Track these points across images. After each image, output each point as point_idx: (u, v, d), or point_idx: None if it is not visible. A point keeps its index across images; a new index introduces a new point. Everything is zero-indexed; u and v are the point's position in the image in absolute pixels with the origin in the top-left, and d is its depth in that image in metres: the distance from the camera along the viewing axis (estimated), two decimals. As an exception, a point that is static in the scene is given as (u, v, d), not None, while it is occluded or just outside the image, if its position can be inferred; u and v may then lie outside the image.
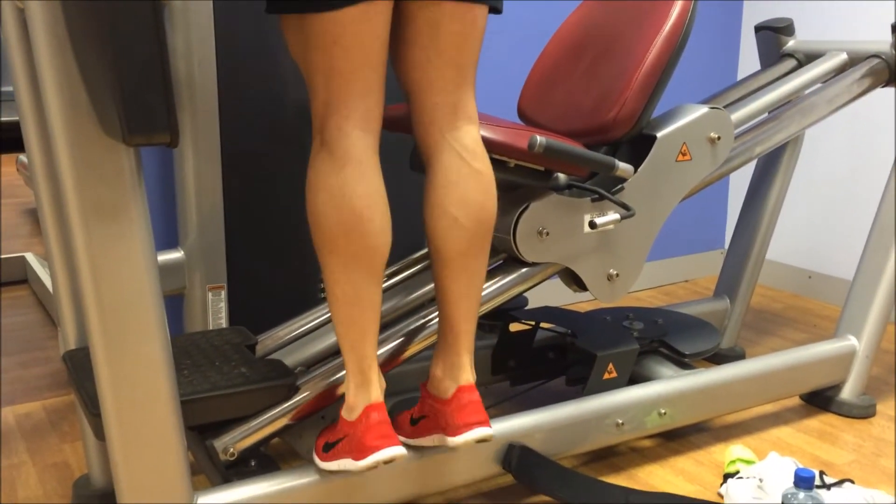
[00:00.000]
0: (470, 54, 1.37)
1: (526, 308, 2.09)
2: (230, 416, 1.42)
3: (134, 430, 1.23)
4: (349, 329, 1.34)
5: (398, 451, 1.32)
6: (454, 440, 1.39)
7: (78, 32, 1.08)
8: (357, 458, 1.32)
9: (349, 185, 1.29)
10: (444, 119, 1.38)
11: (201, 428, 1.45)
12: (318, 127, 1.33)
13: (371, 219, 1.29)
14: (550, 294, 2.69)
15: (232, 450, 1.42)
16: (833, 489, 1.52)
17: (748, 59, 3.00)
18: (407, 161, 2.04)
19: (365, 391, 1.35)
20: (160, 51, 1.03)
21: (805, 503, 1.36)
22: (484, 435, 1.39)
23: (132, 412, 1.23)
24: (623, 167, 1.61)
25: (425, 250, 1.82)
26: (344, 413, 1.38)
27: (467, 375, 1.42)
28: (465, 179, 1.37)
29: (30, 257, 3.03)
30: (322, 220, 1.30)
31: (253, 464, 1.45)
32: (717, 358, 2.29)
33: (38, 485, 1.69)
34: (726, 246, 3.16)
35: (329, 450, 1.40)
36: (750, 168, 2.90)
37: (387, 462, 1.31)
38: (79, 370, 1.43)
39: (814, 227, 2.86)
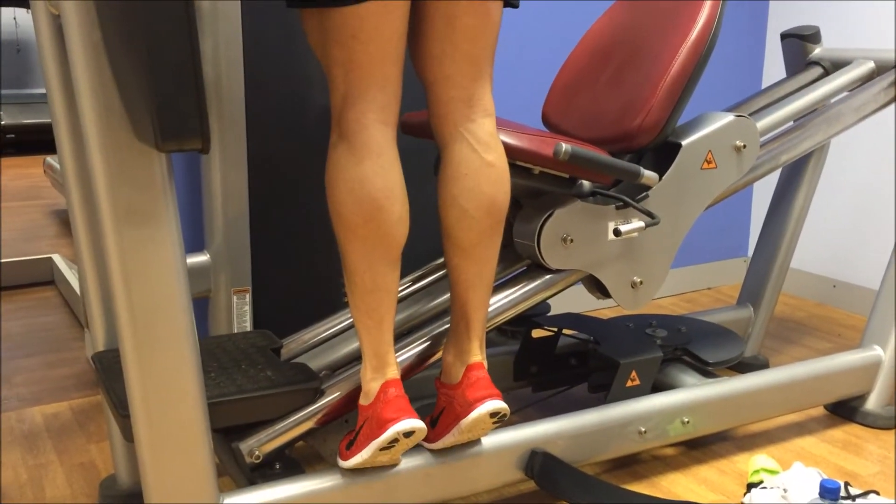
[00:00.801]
0: (485, 48, 1.39)
1: (548, 314, 2.09)
2: (256, 419, 1.44)
3: (162, 432, 1.25)
4: (368, 316, 1.37)
5: (416, 423, 1.34)
6: (467, 419, 1.40)
7: (113, 38, 1.10)
8: (377, 436, 1.34)
9: (368, 178, 1.31)
10: (460, 112, 1.40)
11: (227, 430, 1.47)
12: (337, 119, 1.35)
13: (391, 209, 1.32)
14: (572, 300, 2.69)
15: (257, 452, 1.44)
16: (858, 500, 1.51)
17: (773, 66, 2.99)
18: (429, 166, 2.05)
19: (381, 372, 1.38)
20: (193, 57, 1.05)
21: (830, 514, 1.36)
22: (496, 408, 1.40)
23: (161, 414, 1.24)
24: (648, 175, 1.61)
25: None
26: (361, 400, 1.40)
27: (476, 356, 1.45)
28: (475, 171, 1.39)
29: (57, 259, 3.07)
30: (342, 210, 1.33)
31: (278, 466, 1.46)
32: (741, 367, 2.28)
33: (66, 484, 1.71)
34: (749, 254, 3.14)
35: (351, 446, 1.41)
36: (774, 176, 2.88)
37: (406, 434, 1.33)
38: (108, 372, 1.45)
39: (838, 235, 2.84)
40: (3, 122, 5.69)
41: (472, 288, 1.44)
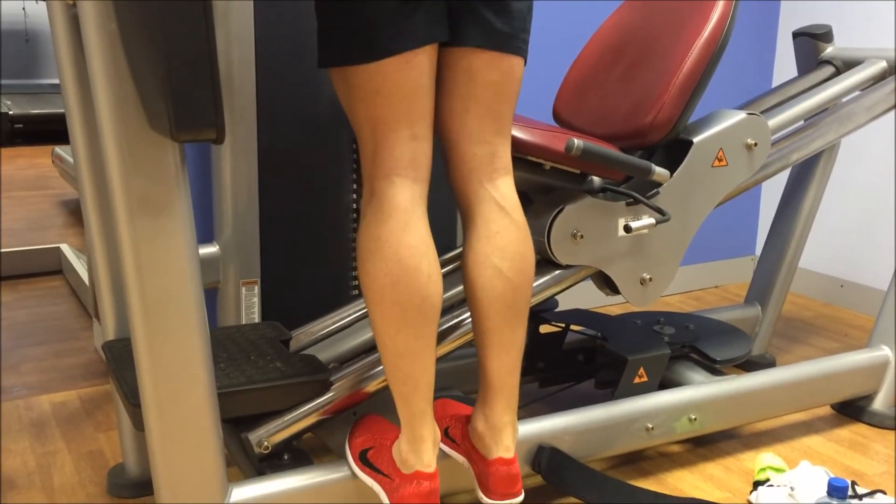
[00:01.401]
0: (507, 104, 1.37)
1: (556, 310, 2.09)
2: (265, 410, 1.44)
3: (173, 421, 1.26)
4: (400, 382, 1.32)
5: None
6: (485, 499, 1.40)
7: (129, 28, 1.10)
8: None
9: (395, 236, 1.28)
10: (483, 169, 1.38)
11: (236, 421, 1.47)
12: (367, 178, 1.33)
13: (418, 268, 1.28)
14: (579, 296, 2.69)
15: (266, 443, 1.44)
16: (865, 499, 1.51)
17: (783, 65, 2.98)
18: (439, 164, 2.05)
19: (416, 451, 1.34)
20: (209, 47, 1.05)
21: (838, 513, 1.36)
22: (515, 503, 1.40)
23: (172, 403, 1.25)
24: (659, 172, 1.61)
25: (456, 251, 1.83)
26: (395, 457, 1.36)
27: (507, 443, 1.40)
28: (506, 230, 1.37)
29: (65, 248, 3.07)
30: (370, 270, 1.29)
31: (286, 457, 1.47)
32: (747, 365, 2.28)
33: (74, 472, 1.72)
34: (757, 252, 3.14)
35: (367, 464, 1.41)
36: (783, 175, 2.88)
37: None
38: (118, 361, 1.45)
39: (846, 234, 2.84)
40: (11, 112, 5.70)
41: (505, 352, 1.39)
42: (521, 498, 1.41)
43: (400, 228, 1.28)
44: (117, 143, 1.16)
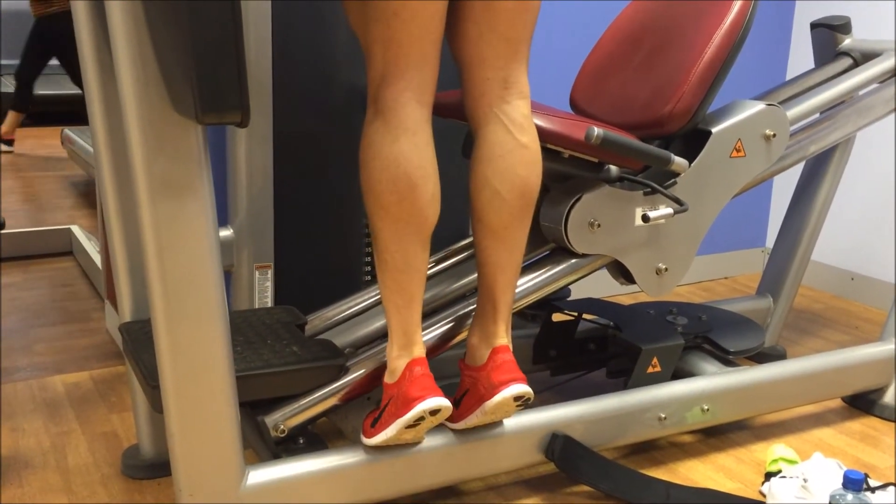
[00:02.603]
0: (523, 29, 1.38)
1: (569, 299, 2.09)
2: (281, 394, 1.45)
3: (191, 403, 1.26)
4: (397, 294, 1.37)
5: (443, 401, 1.35)
6: (491, 401, 1.41)
7: (153, 10, 1.10)
8: (402, 414, 1.35)
9: (404, 155, 1.32)
10: (494, 93, 1.40)
11: (252, 404, 1.48)
12: (374, 96, 1.35)
13: (424, 188, 1.33)
14: (589, 286, 2.69)
15: (282, 427, 1.45)
16: (878, 492, 1.51)
17: (798, 57, 2.96)
18: (456, 147, 2.04)
19: (407, 350, 1.38)
20: (235, 30, 1.05)
21: (853, 505, 1.36)
22: (520, 391, 1.40)
23: (191, 385, 1.25)
24: (678, 162, 1.61)
25: (467, 241, 1.82)
26: (386, 378, 1.41)
27: (502, 339, 1.46)
28: (509, 153, 1.39)
29: (76, 230, 3.08)
30: (376, 187, 1.33)
31: (301, 441, 1.47)
32: (759, 357, 2.28)
33: (88, 453, 1.73)
34: (767, 244, 3.14)
35: (375, 423, 1.42)
36: (795, 167, 2.87)
37: (432, 412, 1.34)
38: (135, 343, 1.46)
39: (857, 227, 2.83)
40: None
41: (500, 270, 1.44)
42: (526, 385, 1.41)
43: (409, 149, 1.31)
44: (140, 125, 1.16)
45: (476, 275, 1.70)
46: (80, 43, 1.45)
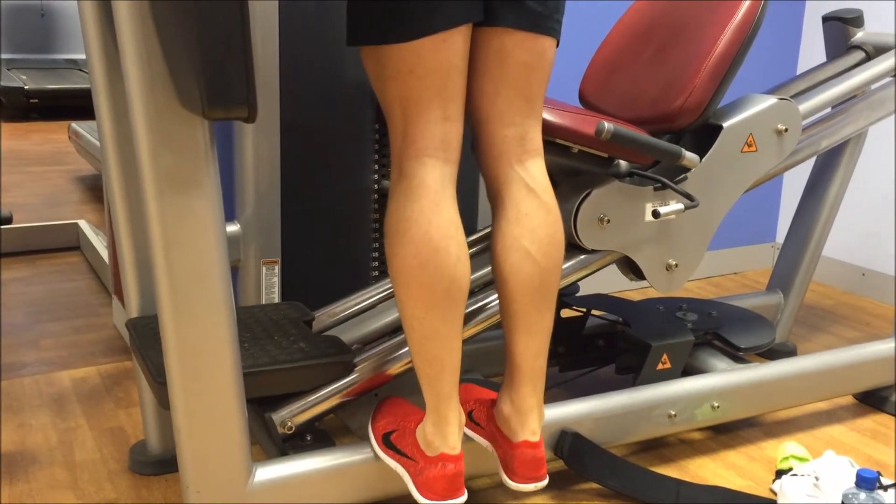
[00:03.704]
0: (538, 85, 1.35)
1: (577, 295, 2.08)
2: (289, 391, 1.44)
3: (199, 400, 1.25)
4: (427, 364, 1.32)
5: (462, 500, 1.33)
6: (509, 482, 1.40)
7: (160, 5, 1.09)
8: (420, 490, 1.33)
9: (424, 217, 1.27)
10: (513, 151, 1.36)
11: (259, 401, 1.47)
12: (397, 159, 1.31)
13: (447, 250, 1.27)
14: (600, 282, 2.67)
15: (290, 423, 1.44)
16: (890, 490, 1.50)
17: (809, 51, 2.94)
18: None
19: (442, 434, 1.33)
20: (243, 25, 1.03)
21: (866, 503, 1.35)
22: (539, 487, 1.40)
23: (198, 382, 1.25)
24: (689, 157, 1.59)
25: (481, 233, 1.81)
26: (419, 439, 1.36)
27: (533, 426, 1.40)
28: (535, 212, 1.36)
29: (83, 225, 3.07)
30: (398, 251, 1.28)
31: (309, 438, 1.47)
32: (769, 353, 2.26)
33: (95, 448, 1.72)
34: (777, 239, 3.12)
35: (390, 447, 1.40)
36: (806, 162, 2.84)
37: None
38: (142, 339, 1.45)
39: (868, 222, 2.81)
40: (27, 87, 5.70)
41: (533, 336, 1.38)
42: (545, 482, 1.40)
43: (430, 210, 1.27)
44: (147, 120, 1.15)
45: (488, 269, 1.69)
46: (85, 38, 1.44)
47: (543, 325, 1.39)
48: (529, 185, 1.36)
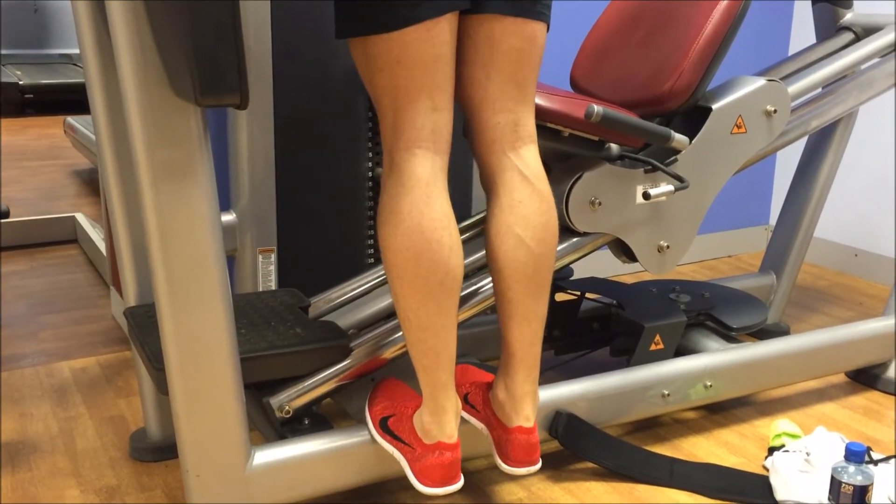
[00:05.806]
0: (530, 70, 1.35)
1: (571, 278, 2.10)
2: (286, 375, 1.46)
3: (196, 385, 1.27)
4: (422, 354, 1.33)
5: (458, 486, 1.35)
6: (504, 466, 1.42)
7: (151, -6, 1.10)
8: (417, 476, 1.35)
9: (417, 208, 1.27)
10: (506, 138, 1.36)
11: (257, 386, 1.49)
12: (388, 150, 1.32)
13: (440, 241, 1.27)
14: (593, 265, 2.69)
15: (287, 408, 1.46)
16: (880, 465, 1.52)
17: (800, 33, 2.95)
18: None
19: (438, 422, 1.34)
20: (234, 12, 1.05)
21: (855, 477, 1.37)
22: (532, 471, 1.42)
23: (195, 367, 1.26)
24: (679, 139, 1.61)
25: (474, 218, 1.83)
26: (417, 426, 1.37)
27: (527, 412, 1.41)
28: (529, 200, 1.36)
29: (80, 218, 3.09)
30: (391, 243, 1.29)
31: (307, 422, 1.49)
32: (762, 333, 2.28)
33: (96, 436, 1.74)
34: (771, 222, 3.13)
35: (387, 432, 1.42)
36: (798, 144, 2.86)
37: (447, 495, 1.34)
38: (140, 327, 1.47)
39: (860, 203, 2.83)
40: (22, 83, 5.70)
41: (527, 322, 1.39)
42: (538, 466, 1.42)
43: (422, 202, 1.27)
44: (140, 111, 1.16)
45: (482, 253, 1.71)
46: (79, 32, 1.45)
47: (538, 312, 1.40)
48: (523, 172, 1.36)
